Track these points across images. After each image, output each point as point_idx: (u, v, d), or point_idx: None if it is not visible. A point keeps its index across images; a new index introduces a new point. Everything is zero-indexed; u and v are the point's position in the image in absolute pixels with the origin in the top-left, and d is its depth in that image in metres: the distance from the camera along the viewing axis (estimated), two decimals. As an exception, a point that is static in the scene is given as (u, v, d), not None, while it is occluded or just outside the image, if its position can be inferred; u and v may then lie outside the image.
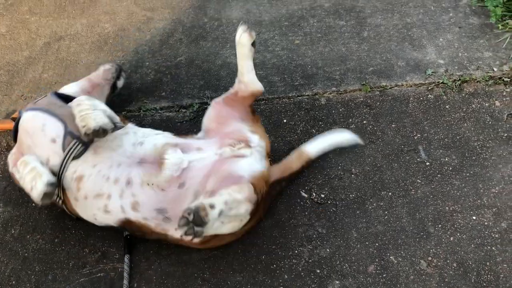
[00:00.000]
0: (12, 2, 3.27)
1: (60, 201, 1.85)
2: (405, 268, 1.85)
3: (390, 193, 2.08)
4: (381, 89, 2.49)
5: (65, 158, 1.74)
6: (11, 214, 2.13)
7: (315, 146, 2.14)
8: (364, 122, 2.34)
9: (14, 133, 1.93)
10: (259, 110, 2.44)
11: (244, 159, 1.78)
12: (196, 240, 1.53)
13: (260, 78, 2.56)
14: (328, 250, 1.92)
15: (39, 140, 1.79)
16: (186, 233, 1.47)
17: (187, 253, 1.94)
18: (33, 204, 2.15)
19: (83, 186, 1.74)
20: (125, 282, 1.85)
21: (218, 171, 1.71)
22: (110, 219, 1.77)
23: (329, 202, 2.06)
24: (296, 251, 1.92)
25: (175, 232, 1.71)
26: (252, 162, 1.79)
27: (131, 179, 1.71)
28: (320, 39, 2.81)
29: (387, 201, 2.05)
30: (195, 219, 1.46)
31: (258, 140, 1.90)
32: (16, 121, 1.93)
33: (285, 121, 2.39)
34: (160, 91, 2.60)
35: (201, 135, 2.00)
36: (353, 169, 2.16)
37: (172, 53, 2.83)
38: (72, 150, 1.74)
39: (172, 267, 1.90)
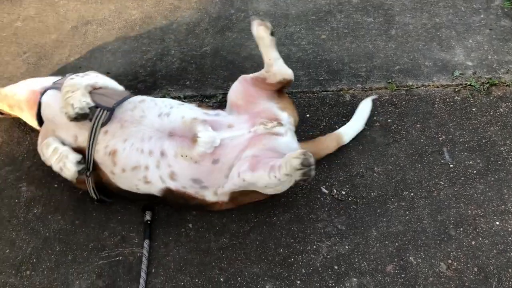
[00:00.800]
0: (42, -15, 3.31)
1: (88, 175, 1.87)
2: (424, 269, 1.83)
3: (412, 194, 2.05)
4: (407, 88, 2.46)
5: (93, 127, 1.78)
6: (34, 193, 2.16)
7: (351, 129, 2.20)
8: (389, 120, 2.32)
9: (38, 116, 1.96)
10: (282, 103, 2.44)
11: (280, 137, 1.82)
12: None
13: (285, 71, 2.55)
14: (347, 247, 1.90)
15: (61, 122, 1.86)
16: (305, 175, 1.56)
17: (206, 241, 1.95)
18: (56, 185, 2.18)
19: (118, 160, 1.79)
20: (143, 267, 1.87)
21: (257, 146, 1.76)
22: (152, 188, 1.82)
23: (349, 199, 2.05)
24: (314, 246, 1.91)
25: (212, 197, 1.82)
26: (289, 140, 1.85)
27: (165, 151, 1.76)
28: (347, 35, 2.78)
29: (408, 202, 2.03)
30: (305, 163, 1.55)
31: (287, 117, 1.92)
32: (38, 103, 1.96)
33: (308, 115, 2.38)
34: (185, 80, 2.60)
35: (228, 111, 2.00)
36: (375, 168, 2.14)
37: (197, 43, 2.83)
38: (98, 117, 1.79)
39: (190, 255, 1.91)
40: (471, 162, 2.14)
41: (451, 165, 2.14)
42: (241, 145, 1.77)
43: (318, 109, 2.40)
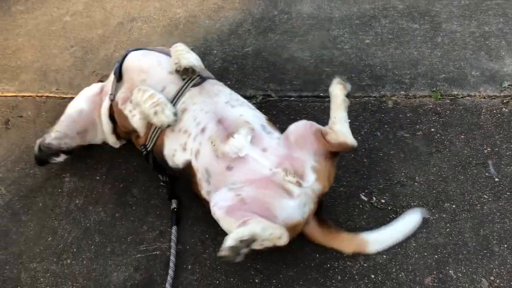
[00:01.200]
0: (91, -19, 3.39)
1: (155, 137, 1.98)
2: (465, 284, 1.78)
3: (454, 206, 2.00)
4: (452, 97, 2.41)
5: (185, 84, 1.95)
6: (76, 184, 2.22)
7: (381, 241, 1.90)
8: (432, 130, 2.27)
9: (119, 73, 2.10)
10: (323, 107, 2.42)
11: (287, 199, 1.70)
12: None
13: (327, 75, 2.55)
14: (384, 256, 1.87)
15: (156, 73, 2.01)
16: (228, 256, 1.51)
17: (242, 242, 1.95)
18: (98, 178, 2.23)
19: (183, 118, 1.89)
20: (172, 251, 1.90)
21: (261, 190, 1.69)
22: (182, 158, 1.87)
23: (389, 208, 2.02)
24: (351, 254, 1.89)
25: (206, 194, 1.83)
26: (294, 207, 1.70)
27: (206, 129, 1.82)
28: (391, 41, 2.74)
29: (450, 214, 1.98)
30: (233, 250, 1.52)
31: (313, 181, 1.74)
32: (120, 62, 2.10)
33: (349, 121, 2.34)
34: (226, 80, 2.62)
35: (279, 135, 1.89)
36: (417, 177, 2.10)
37: (240, 43, 2.85)
38: (192, 79, 1.97)
39: (226, 254, 1.92)
40: (517, 177, 2.08)
41: (496, 179, 2.07)
42: (253, 175, 1.72)
43: (360, 114, 2.37)
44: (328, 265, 1.87)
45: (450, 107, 2.36)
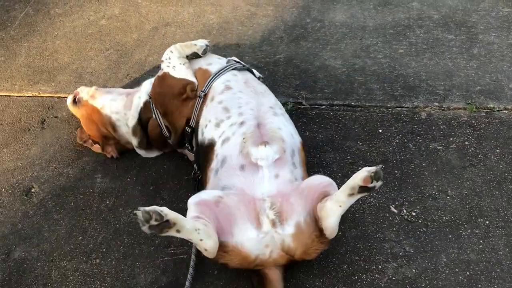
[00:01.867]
0: (127, -14, 3.46)
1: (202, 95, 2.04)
2: (498, 304, 1.73)
3: (487, 222, 1.95)
4: (488, 110, 2.35)
5: (225, 67, 2.08)
6: (107, 185, 2.26)
7: None
8: (466, 143, 2.22)
9: None
10: (354, 116, 2.40)
11: (252, 229, 1.62)
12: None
13: (359, 84, 2.53)
14: (414, 270, 1.84)
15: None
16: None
17: (269, 249, 1.95)
18: (128, 179, 2.26)
19: (226, 93, 1.96)
20: (193, 256, 1.89)
21: (237, 206, 1.66)
22: (211, 135, 1.88)
23: (420, 221, 1.98)
24: (380, 266, 1.86)
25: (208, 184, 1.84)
26: (253, 239, 1.62)
27: (244, 124, 1.83)
28: (425, 51, 2.70)
29: (483, 230, 1.93)
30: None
31: (288, 234, 1.63)
32: None
33: (380, 131, 2.32)
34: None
35: (300, 173, 1.81)
36: (449, 191, 2.06)
37: (272, 50, 2.85)
38: (236, 64, 2.13)
39: (253, 261, 1.92)
40: (555, 195, 2.01)
41: (533, 196, 2.01)
42: (249, 189, 1.69)
43: (392, 125, 2.34)
44: (356, 277, 1.84)
45: (486, 120, 2.31)
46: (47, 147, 2.46)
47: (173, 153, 2.34)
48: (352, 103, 2.48)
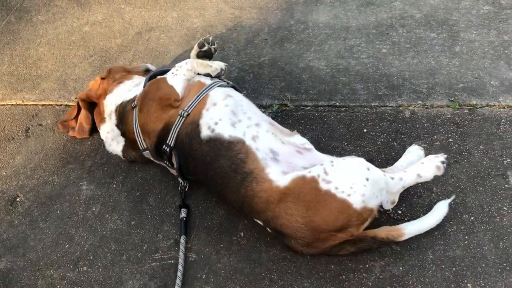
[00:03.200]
0: (110, -8, 3.45)
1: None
2: (484, 298, 1.75)
3: (472, 218, 1.97)
4: (471, 107, 2.37)
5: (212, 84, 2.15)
6: (93, 192, 2.24)
7: (416, 229, 1.90)
8: (450, 140, 2.24)
9: None
10: (338, 117, 2.41)
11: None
12: None
13: (343, 84, 2.55)
14: (401, 268, 1.85)
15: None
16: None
17: (257, 251, 1.95)
18: (114, 186, 2.25)
19: (229, 99, 2.06)
20: (181, 261, 1.89)
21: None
22: (232, 133, 1.93)
23: (406, 219, 1.99)
24: (367, 265, 1.87)
25: (275, 174, 1.83)
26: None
27: (260, 124, 1.99)
28: (408, 50, 2.72)
29: (468, 226, 1.95)
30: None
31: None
32: None
33: (365, 130, 2.34)
34: (242, 89, 2.63)
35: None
36: (434, 188, 2.07)
37: (256, 53, 2.86)
38: (222, 82, 2.19)
39: (241, 264, 1.92)
40: (538, 189, 2.03)
41: (516, 191, 2.04)
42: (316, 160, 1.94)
43: (376, 124, 2.35)
44: (344, 277, 1.85)
45: (469, 117, 2.33)
46: (32, 155, 2.44)
47: (159, 158, 2.33)
48: (337, 104, 2.49)
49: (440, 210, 1.93)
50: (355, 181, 1.72)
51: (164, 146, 2.04)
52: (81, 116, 2.43)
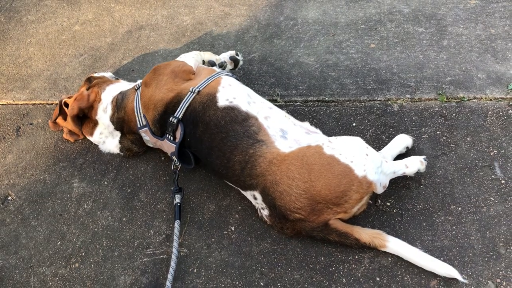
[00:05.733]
0: (100, -9, 3.46)
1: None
2: (471, 287, 1.77)
3: (459, 208, 2.00)
4: (458, 100, 2.40)
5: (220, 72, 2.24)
6: (84, 190, 2.25)
7: (400, 247, 1.84)
8: (438, 132, 2.27)
9: None
10: (328, 111, 2.43)
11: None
12: None
13: (332, 79, 2.56)
14: (389, 259, 1.87)
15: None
16: None
17: (248, 245, 1.97)
18: (106, 183, 2.26)
19: (242, 85, 2.16)
20: (175, 244, 1.88)
21: None
22: (249, 109, 2.01)
23: (394, 211, 2.01)
24: (356, 257, 1.89)
25: (285, 147, 1.90)
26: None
27: (272, 108, 2.09)
28: (397, 45, 2.75)
29: (456, 216, 1.97)
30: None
31: None
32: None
33: (354, 124, 2.36)
34: (232, 85, 2.64)
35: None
36: (422, 180, 2.10)
37: (246, 49, 2.87)
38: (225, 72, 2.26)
39: (232, 257, 1.94)
40: (524, 179, 2.06)
41: (503, 181, 2.06)
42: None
43: (365, 118, 2.38)
44: (333, 268, 1.87)
45: (456, 110, 2.36)
46: (23, 154, 2.45)
47: (150, 155, 2.35)
48: (326, 99, 2.51)
49: (435, 260, 1.80)
50: (356, 153, 1.80)
51: (171, 118, 2.05)
52: (69, 126, 2.40)
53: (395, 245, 1.84)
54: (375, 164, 1.81)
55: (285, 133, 1.98)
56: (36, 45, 3.10)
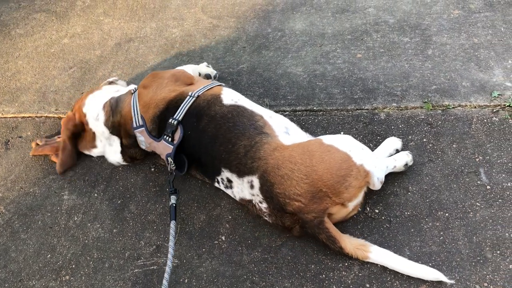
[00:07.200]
0: (89, 4, 3.48)
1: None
2: (459, 291, 1.80)
3: (447, 214, 2.03)
4: (444, 108, 2.44)
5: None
6: (75, 202, 2.25)
7: (383, 257, 1.88)
8: (424, 140, 2.31)
9: None
10: (316, 120, 2.46)
11: None
12: None
13: (320, 89, 2.60)
14: (379, 266, 1.89)
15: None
16: None
17: (238, 254, 1.98)
18: (96, 195, 2.26)
19: (234, 93, 2.23)
20: (171, 243, 1.88)
21: None
22: (255, 108, 2.12)
23: (383, 218, 2.04)
24: (346, 264, 1.91)
25: (286, 140, 2.00)
26: None
27: (273, 115, 2.16)
28: (383, 54, 2.80)
29: (443, 222, 2.00)
30: None
31: None
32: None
33: (342, 133, 2.39)
34: (221, 96, 2.67)
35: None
36: (410, 187, 2.13)
37: (235, 60, 2.91)
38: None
39: (223, 267, 1.94)
40: (509, 184, 2.10)
41: (488, 187, 2.10)
42: None
43: (353, 127, 2.41)
44: (324, 276, 1.89)
45: (442, 118, 2.40)
46: (12, 167, 2.44)
47: (140, 166, 2.36)
48: (314, 108, 2.54)
49: (419, 266, 1.84)
50: (353, 146, 1.92)
51: (171, 120, 2.09)
52: (65, 155, 2.37)
53: (377, 256, 1.87)
54: (371, 157, 1.93)
55: (288, 130, 2.09)
56: (25, 58, 3.11)
